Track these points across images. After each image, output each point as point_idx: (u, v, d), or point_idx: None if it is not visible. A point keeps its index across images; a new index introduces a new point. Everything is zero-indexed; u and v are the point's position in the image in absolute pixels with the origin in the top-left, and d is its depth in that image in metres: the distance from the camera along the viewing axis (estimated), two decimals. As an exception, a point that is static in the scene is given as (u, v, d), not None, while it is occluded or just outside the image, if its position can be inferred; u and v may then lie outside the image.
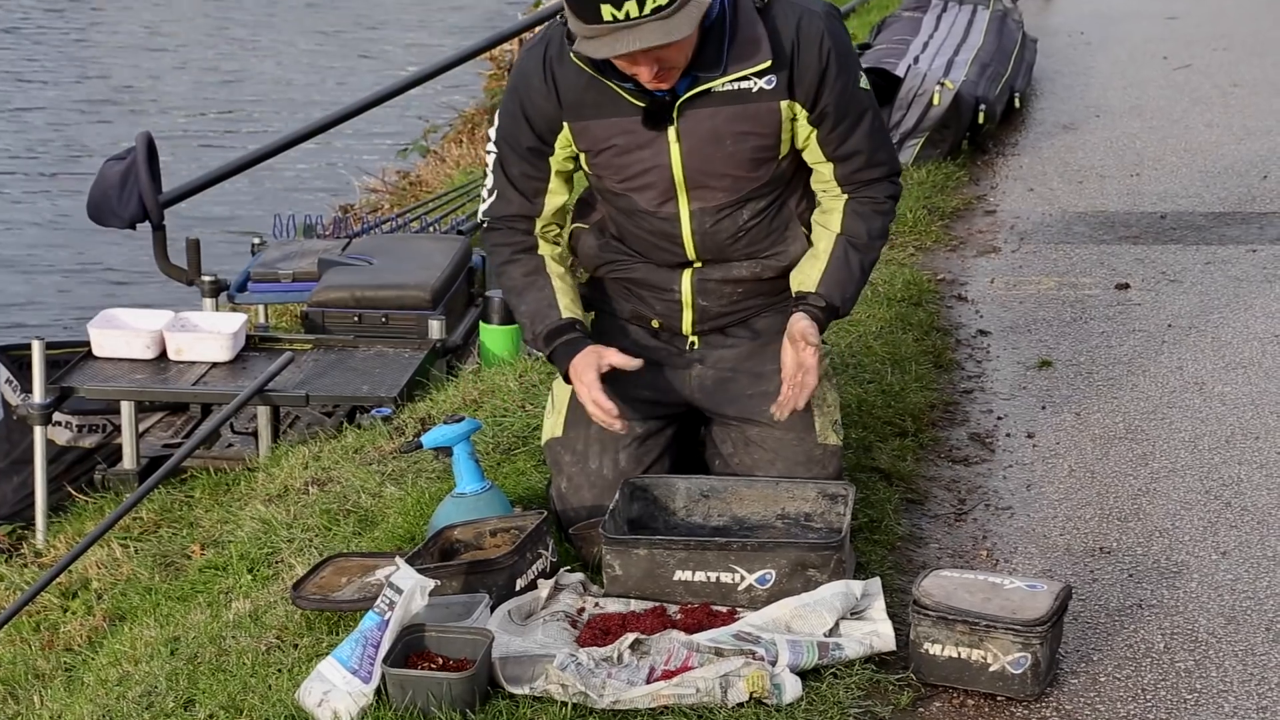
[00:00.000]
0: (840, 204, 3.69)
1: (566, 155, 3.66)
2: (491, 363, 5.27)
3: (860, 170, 3.66)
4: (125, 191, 5.94)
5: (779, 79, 3.52)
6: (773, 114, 3.55)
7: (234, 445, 5.54)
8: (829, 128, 3.60)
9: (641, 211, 3.65)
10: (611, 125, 3.55)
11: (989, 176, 6.93)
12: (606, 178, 3.65)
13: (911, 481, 4.22)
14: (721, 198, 3.62)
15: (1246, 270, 5.78)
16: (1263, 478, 4.25)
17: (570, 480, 3.74)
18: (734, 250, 3.69)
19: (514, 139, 3.66)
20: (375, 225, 7.35)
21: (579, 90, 3.54)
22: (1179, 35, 9.01)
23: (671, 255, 3.71)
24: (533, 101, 3.60)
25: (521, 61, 3.66)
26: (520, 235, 3.73)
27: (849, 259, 3.66)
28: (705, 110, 3.52)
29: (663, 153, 3.56)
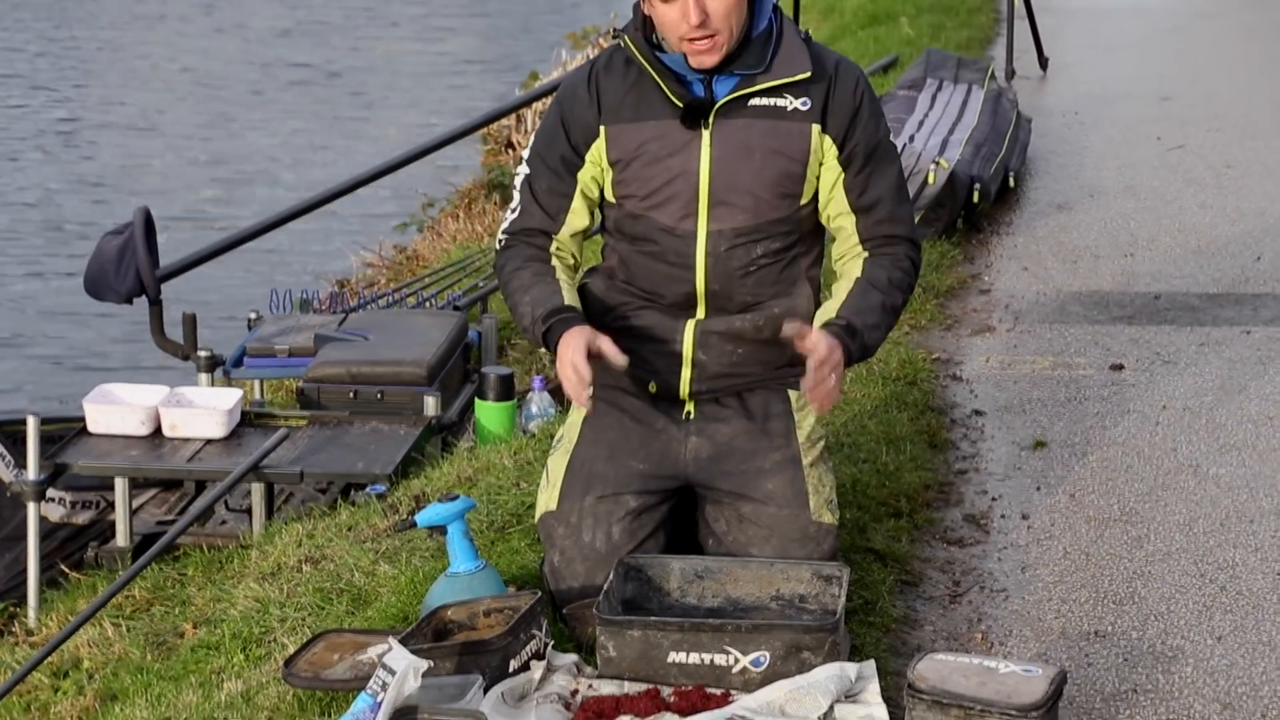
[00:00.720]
0: (860, 260, 3.73)
1: (593, 175, 3.75)
2: (486, 439, 5.27)
3: (882, 224, 3.72)
4: (122, 266, 5.95)
5: (814, 102, 3.67)
6: (804, 137, 3.66)
7: (227, 522, 5.53)
8: (855, 170, 3.70)
9: (660, 231, 3.71)
10: (648, 128, 3.68)
11: (984, 255, 6.95)
12: (630, 195, 3.72)
13: (906, 563, 4.21)
14: (740, 219, 3.68)
15: (1241, 352, 5.79)
16: (1258, 561, 4.25)
17: (563, 554, 3.73)
18: (741, 288, 3.73)
19: (548, 150, 3.78)
20: (371, 300, 7.36)
21: (620, 94, 3.70)
22: (1172, 116, 9.06)
23: (680, 287, 3.74)
24: (573, 110, 3.75)
25: (568, 77, 3.87)
26: (535, 249, 3.81)
27: (868, 294, 3.68)
28: (740, 120, 3.65)
29: (692, 159, 3.66)
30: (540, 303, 3.71)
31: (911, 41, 10.59)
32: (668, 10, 3.59)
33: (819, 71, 3.69)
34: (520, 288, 3.77)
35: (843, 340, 3.58)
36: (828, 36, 11.35)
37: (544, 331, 3.68)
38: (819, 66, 3.70)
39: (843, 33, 11.42)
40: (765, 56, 3.67)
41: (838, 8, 12.24)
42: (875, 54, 10.44)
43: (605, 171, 3.76)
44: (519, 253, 3.82)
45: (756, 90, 3.68)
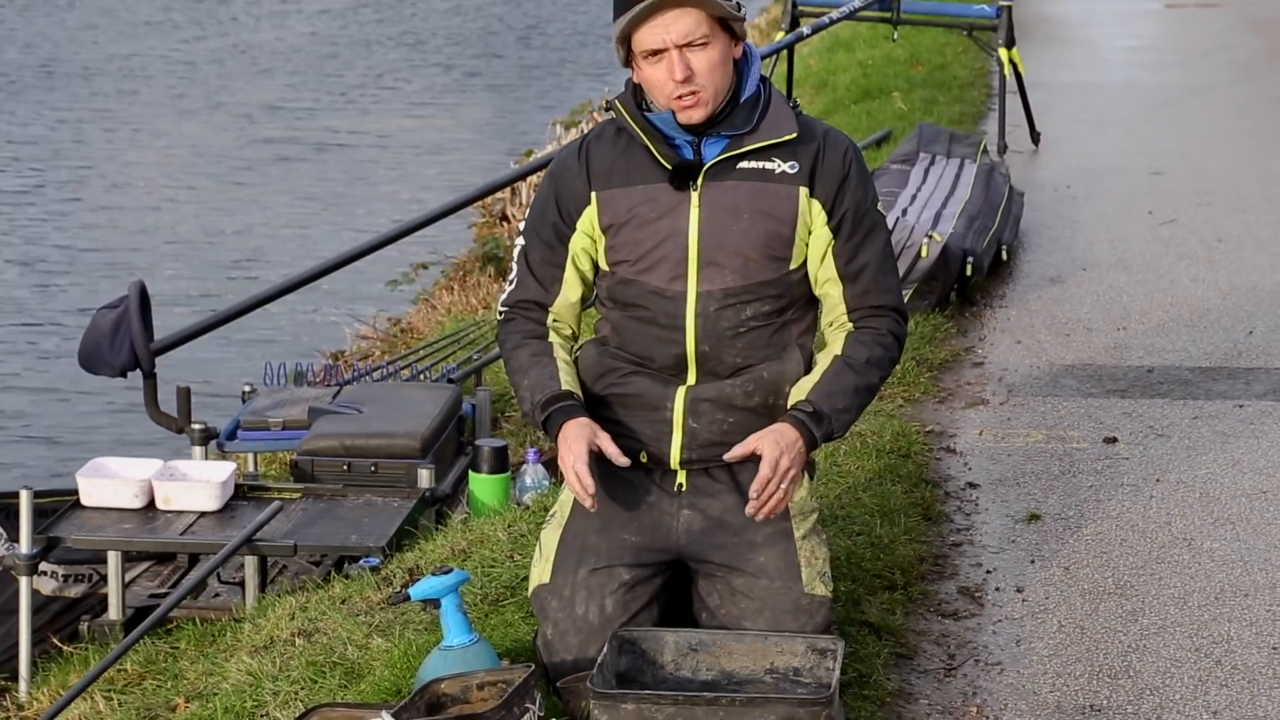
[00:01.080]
0: (842, 335, 3.77)
1: (584, 246, 3.81)
2: (480, 512, 5.26)
3: (869, 293, 3.76)
4: (117, 339, 5.95)
5: (802, 166, 3.73)
6: (792, 199, 3.71)
7: (220, 595, 5.51)
8: (844, 238, 3.74)
9: (650, 294, 3.74)
10: (637, 192, 3.73)
11: (977, 328, 6.97)
12: (622, 260, 3.76)
13: (901, 636, 4.21)
14: (730, 280, 3.72)
15: (1234, 425, 5.81)
16: (1253, 636, 4.24)
17: (556, 626, 3.73)
18: (731, 350, 3.75)
19: (540, 222, 3.85)
20: (366, 373, 7.36)
21: (610, 160, 3.76)
22: (1164, 190, 9.11)
23: (671, 349, 3.76)
24: (565, 181, 3.82)
25: (561, 150, 3.94)
26: (532, 323, 3.87)
27: (842, 374, 3.73)
28: (728, 182, 3.71)
29: (682, 220, 3.71)
30: (539, 388, 3.76)
31: (904, 116, 10.65)
32: (654, 71, 3.66)
33: (807, 136, 3.76)
34: (519, 368, 3.83)
35: (806, 429, 3.67)
36: (821, 110, 11.42)
37: (543, 419, 3.75)
38: (806, 131, 3.77)
39: (836, 107, 11.48)
40: (753, 118, 3.73)
41: (830, 82, 12.31)
42: (868, 128, 10.50)
43: (598, 239, 3.80)
44: (518, 327, 3.89)
45: (745, 152, 3.73)
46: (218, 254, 12.77)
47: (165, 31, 20.99)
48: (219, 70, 18.81)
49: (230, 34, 20.73)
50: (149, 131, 16.23)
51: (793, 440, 3.66)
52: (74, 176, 14.79)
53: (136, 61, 19.28)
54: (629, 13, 3.63)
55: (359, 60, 19.66)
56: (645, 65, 3.67)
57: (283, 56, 19.58)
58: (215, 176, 14.79)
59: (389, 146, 15.91)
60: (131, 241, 13.08)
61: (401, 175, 14.97)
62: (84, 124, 16.57)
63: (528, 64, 19.61)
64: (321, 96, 17.76)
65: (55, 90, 18.03)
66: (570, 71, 19.14)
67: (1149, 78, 12.32)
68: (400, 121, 16.86)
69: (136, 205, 14.01)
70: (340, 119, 16.88)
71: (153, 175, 14.86)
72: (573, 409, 3.73)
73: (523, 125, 16.47)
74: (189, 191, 14.36)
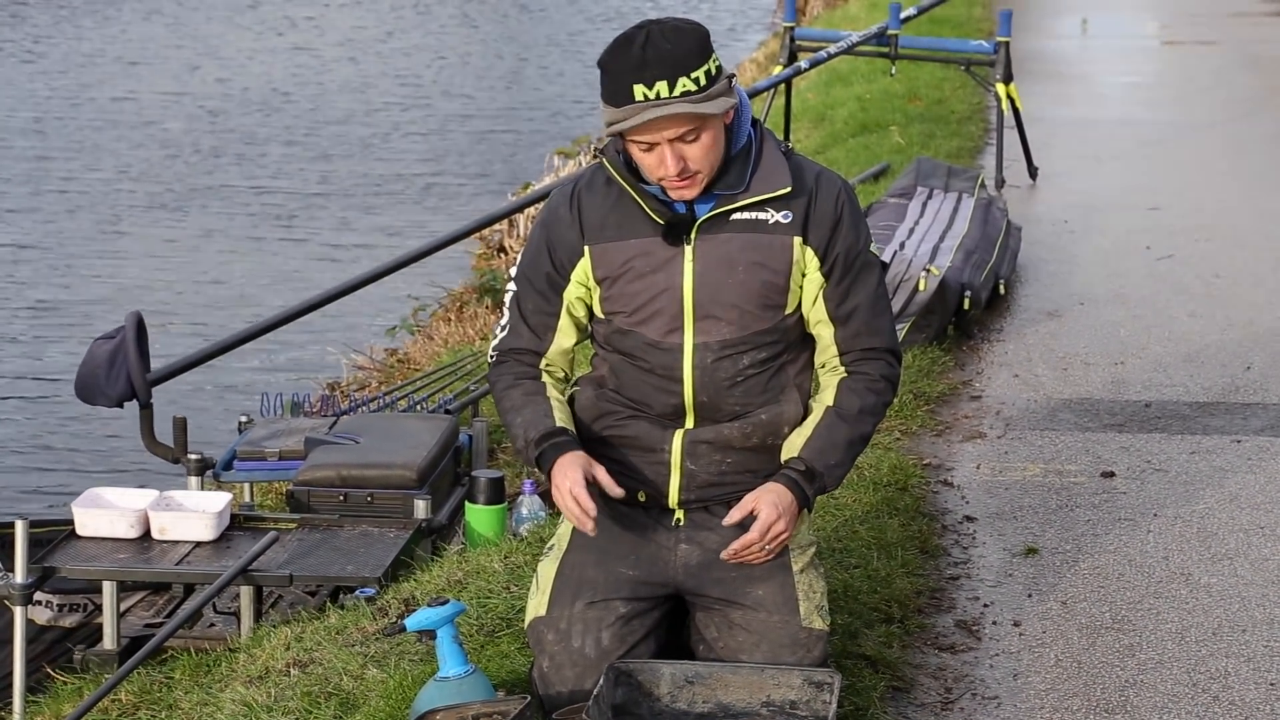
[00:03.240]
0: (835, 381, 3.75)
1: (579, 295, 3.80)
2: (477, 543, 5.26)
3: (860, 335, 3.75)
4: (114, 370, 5.95)
5: (795, 215, 3.70)
6: (786, 249, 3.69)
7: (215, 625, 5.50)
8: (835, 281, 3.73)
9: (647, 345, 3.73)
10: (631, 246, 3.71)
11: (974, 362, 6.97)
12: (618, 311, 3.75)
13: (897, 669, 4.20)
14: (726, 332, 3.71)
15: (1231, 461, 5.80)
16: (1250, 671, 4.24)
17: (552, 659, 3.72)
18: (729, 398, 3.74)
19: (533, 270, 3.82)
20: (363, 404, 7.35)
21: (603, 213, 3.73)
22: (1161, 226, 9.12)
23: (669, 399, 3.75)
24: (557, 230, 3.78)
25: (551, 197, 3.88)
26: (525, 367, 3.86)
27: (834, 428, 3.73)
28: (722, 235, 3.68)
29: (676, 274, 3.69)
30: (533, 425, 3.75)
31: (902, 150, 10.67)
32: (646, 157, 3.63)
33: (799, 186, 3.73)
34: (512, 407, 3.82)
35: (799, 490, 3.70)
36: (819, 144, 11.44)
37: (537, 456, 3.73)
38: (799, 181, 3.73)
39: (833, 141, 11.50)
40: (745, 175, 3.70)
41: (829, 116, 12.33)
42: (866, 162, 10.51)
43: (593, 289, 3.79)
44: (510, 369, 3.88)
45: (737, 206, 3.71)
46: (215, 284, 12.77)
47: (157, 66, 21.02)
48: (213, 105, 18.83)
49: (223, 70, 20.78)
50: (144, 164, 16.24)
51: (789, 503, 3.69)
52: (70, 207, 14.80)
53: (129, 96, 19.31)
54: (620, 115, 3.58)
55: (355, 90, 19.69)
56: (637, 150, 3.64)
57: (278, 92, 19.61)
58: (212, 209, 14.80)
59: (386, 178, 15.93)
60: (128, 271, 13.09)
61: (399, 207, 14.98)
62: (77, 155, 16.59)
63: (525, 94, 19.64)
64: (316, 129, 17.78)
65: (48, 122, 18.05)
66: (567, 102, 19.18)
67: (1146, 114, 12.35)
68: (397, 154, 16.88)
69: (134, 236, 14.01)
70: (337, 151, 16.90)
71: (149, 206, 14.87)
72: (566, 444, 3.73)
73: (520, 156, 16.50)
74: (186, 222, 14.37)
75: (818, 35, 11.17)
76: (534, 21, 24.24)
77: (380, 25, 23.63)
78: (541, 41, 22.56)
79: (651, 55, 3.55)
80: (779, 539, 3.68)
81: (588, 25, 23.66)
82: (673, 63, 3.54)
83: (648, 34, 3.58)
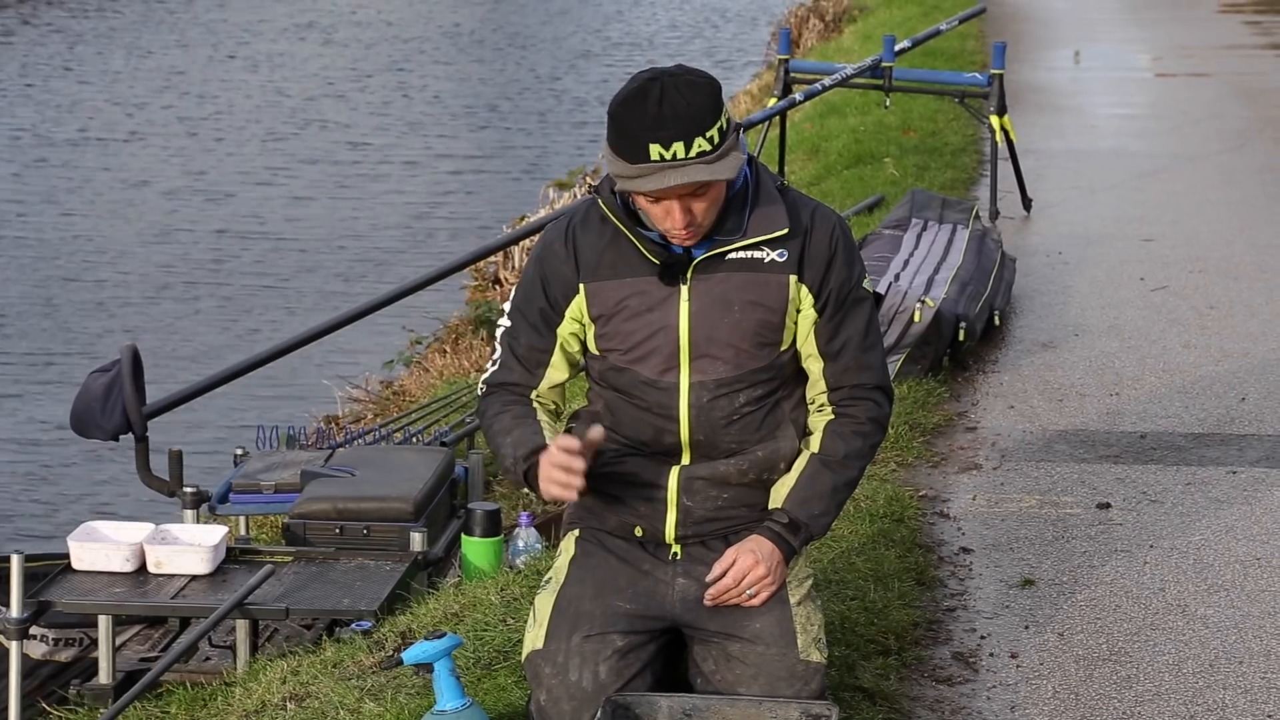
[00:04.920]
0: (822, 424, 3.76)
1: (573, 331, 3.79)
2: (473, 575, 5.25)
3: (849, 371, 3.75)
4: (109, 403, 5.94)
5: (790, 254, 3.70)
6: (782, 288, 3.69)
7: (211, 659, 5.49)
8: (827, 316, 3.74)
9: (642, 384, 3.73)
10: (626, 285, 3.70)
11: (970, 393, 6.98)
12: (613, 349, 3.75)
13: (895, 701, 4.20)
14: (722, 371, 3.71)
15: (1227, 492, 5.81)
16: (1248, 704, 4.23)
17: (550, 693, 3.71)
18: (725, 436, 3.74)
19: (527, 306, 3.82)
20: (358, 436, 7.36)
21: (598, 251, 3.72)
22: (1155, 257, 9.13)
23: (665, 437, 3.76)
24: (552, 266, 3.77)
25: (546, 232, 3.86)
26: (515, 397, 3.84)
27: (819, 477, 3.74)
28: (718, 275, 3.68)
29: (672, 313, 3.69)
30: (522, 443, 3.75)
31: (896, 182, 10.69)
32: (652, 208, 3.62)
33: (795, 225, 3.73)
34: (502, 430, 3.81)
35: (784, 541, 3.72)
36: (813, 176, 11.46)
37: (525, 470, 3.72)
38: (795, 219, 3.73)
39: (828, 172, 11.52)
40: (742, 219, 3.70)
41: (823, 148, 12.35)
42: (860, 193, 10.53)
43: (587, 326, 3.79)
44: (500, 399, 3.87)
45: (733, 246, 3.71)
46: (210, 315, 12.78)
47: (150, 90, 21.06)
48: (204, 132, 18.86)
49: (216, 99, 20.82)
50: (142, 199, 16.26)
51: (769, 551, 3.70)
52: (63, 237, 14.81)
53: (122, 121, 19.34)
54: (634, 173, 3.55)
55: (348, 121, 19.73)
56: (643, 200, 3.63)
57: (272, 119, 19.64)
58: (207, 241, 14.82)
59: (381, 210, 15.95)
60: (123, 302, 13.10)
61: (394, 239, 15.00)
62: (71, 186, 16.61)
63: (520, 126, 19.68)
64: (311, 159, 17.82)
65: (44, 148, 18.07)
66: (563, 133, 19.21)
67: (1140, 145, 12.38)
68: (392, 183, 16.91)
69: (129, 265, 14.03)
70: (330, 182, 16.93)
71: (145, 240, 14.88)
72: None
73: (515, 188, 16.52)
74: (180, 254, 14.38)
75: (812, 67, 11.19)
76: (515, 56, 24.28)
77: (359, 63, 23.68)
78: (527, 78, 22.59)
79: (668, 114, 3.52)
80: (760, 583, 3.69)
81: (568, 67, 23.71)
82: (688, 122, 3.52)
83: (662, 89, 3.54)
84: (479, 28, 26.33)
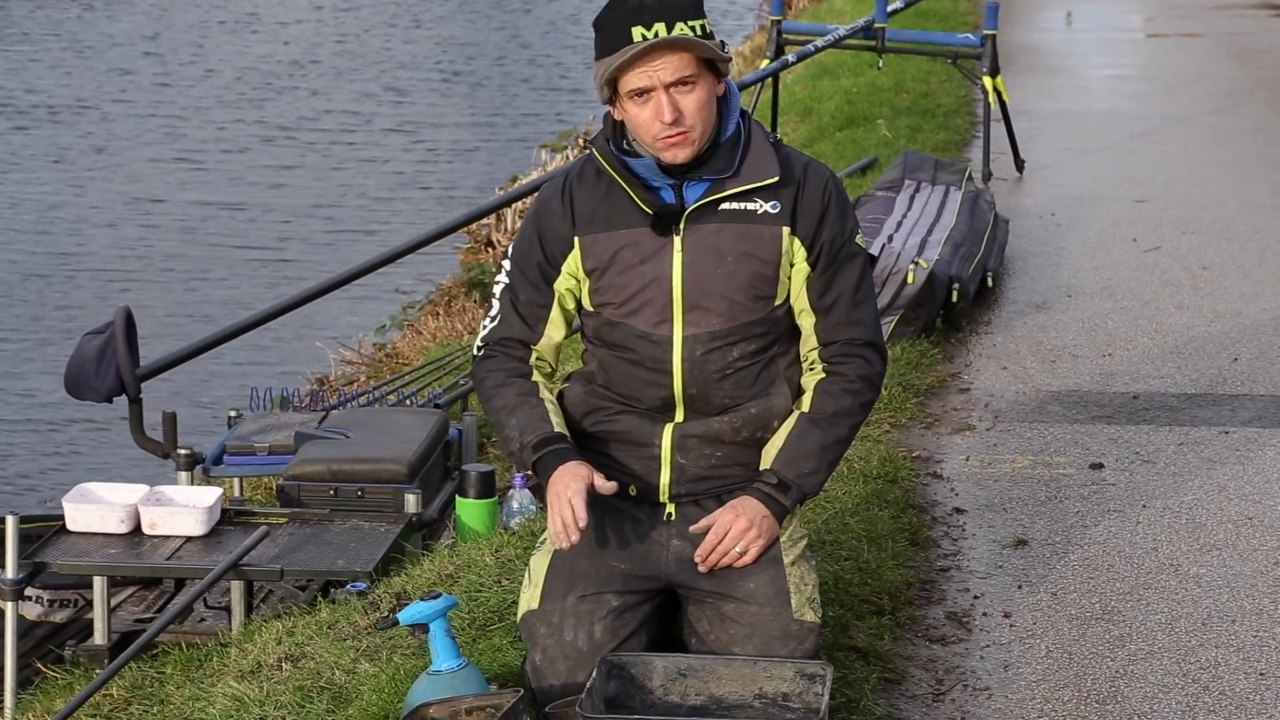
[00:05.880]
0: (813, 383, 3.76)
1: (569, 287, 3.80)
2: (467, 537, 5.26)
3: (840, 326, 3.76)
4: (103, 365, 5.95)
5: (783, 205, 3.72)
6: (775, 239, 3.71)
7: (206, 620, 5.50)
8: (820, 270, 3.75)
9: (636, 337, 3.74)
10: (620, 236, 3.72)
11: (963, 355, 6.99)
12: (607, 303, 3.76)
13: (889, 661, 4.21)
14: (716, 323, 3.72)
15: (1219, 452, 5.82)
16: (1240, 662, 4.25)
17: (545, 653, 3.73)
18: (719, 391, 3.75)
19: (525, 261, 3.83)
20: (352, 398, 7.35)
21: (593, 205, 3.74)
22: (1148, 218, 9.13)
23: (659, 392, 3.76)
24: (548, 222, 3.80)
25: (543, 189, 3.90)
26: (516, 361, 3.84)
27: (807, 435, 3.74)
28: (711, 225, 3.70)
29: (665, 264, 3.70)
30: (529, 429, 3.75)
31: (889, 143, 10.68)
32: (640, 111, 3.65)
33: (788, 175, 3.75)
34: (505, 408, 3.80)
35: (774, 501, 3.73)
36: (806, 138, 11.44)
37: (535, 460, 3.73)
38: (787, 170, 3.75)
39: (820, 134, 11.50)
40: (734, 160, 3.73)
41: (815, 110, 12.33)
42: (853, 155, 10.52)
43: (582, 281, 3.80)
44: (499, 365, 3.86)
45: (726, 195, 3.72)
46: (203, 279, 12.77)
47: (142, 59, 20.99)
48: (199, 95, 18.81)
49: (208, 60, 20.75)
50: (132, 158, 16.22)
51: (755, 509, 3.71)
52: (56, 201, 14.78)
53: (117, 90, 19.28)
54: (618, 56, 3.61)
55: (341, 84, 19.68)
56: (631, 105, 3.66)
57: (263, 82, 19.59)
58: (200, 202, 14.79)
59: (374, 172, 15.93)
60: (116, 266, 13.08)
61: (387, 201, 14.98)
62: (66, 150, 16.56)
63: (512, 89, 19.64)
64: (304, 122, 17.77)
65: (39, 119, 18.01)
66: (555, 95, 19.17)
67: (1132, 106, 12.37)
68: (385, 147, 16.88)
69: (121, 230, 14.00)
70: (324, 145, 16.89)
71: (137, 199, 14.86)
72: (566, 451, 3.73)
73: (508, 150, 16.49)
74: (174, 216, 14.36)
75: (804, 29, 11.16)
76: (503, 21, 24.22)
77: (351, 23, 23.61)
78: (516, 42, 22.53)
79: (650, 2, 3.60)
80: (745, 537, 3.69)
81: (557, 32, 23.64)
82: (670, 7, 3.60)
83: None
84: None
